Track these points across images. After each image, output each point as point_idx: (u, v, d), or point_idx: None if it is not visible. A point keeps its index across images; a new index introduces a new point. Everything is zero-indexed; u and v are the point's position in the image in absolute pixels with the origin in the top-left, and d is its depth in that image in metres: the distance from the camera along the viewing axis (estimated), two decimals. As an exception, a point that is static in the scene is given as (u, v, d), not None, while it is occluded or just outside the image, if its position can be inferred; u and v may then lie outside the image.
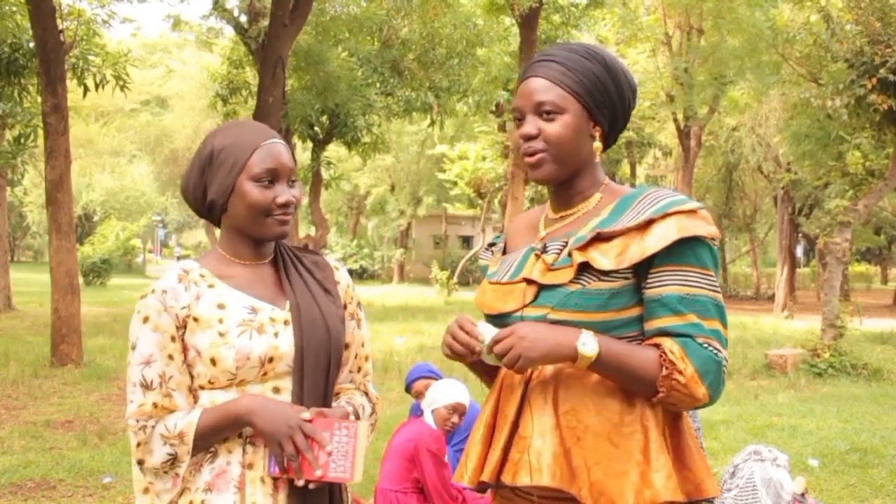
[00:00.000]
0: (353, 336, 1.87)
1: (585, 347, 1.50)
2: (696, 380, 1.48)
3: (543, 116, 1.61)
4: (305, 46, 14.31)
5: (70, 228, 9.68)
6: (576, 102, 1.61)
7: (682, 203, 1.54)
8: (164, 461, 1.65)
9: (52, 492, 4.96)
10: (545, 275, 1.60)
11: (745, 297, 30.17)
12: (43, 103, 9.61)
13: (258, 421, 1.61)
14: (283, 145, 1.74)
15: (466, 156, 28.72)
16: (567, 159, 1.63)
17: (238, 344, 1.63)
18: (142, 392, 1.66)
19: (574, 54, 1.63)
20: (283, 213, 1.71)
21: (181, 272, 1.72)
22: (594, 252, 1.56)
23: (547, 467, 1.54)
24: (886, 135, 11.57)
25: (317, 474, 1.58)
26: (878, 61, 10.32)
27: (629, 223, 1.55)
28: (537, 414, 1.59)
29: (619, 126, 1.68)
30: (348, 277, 1.90)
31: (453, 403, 3.84)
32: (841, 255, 10.65)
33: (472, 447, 1.69)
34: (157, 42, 45.40)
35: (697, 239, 1.53)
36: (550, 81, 1.61)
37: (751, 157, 24.05)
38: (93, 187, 38.34)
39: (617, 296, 1.55)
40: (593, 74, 1.61)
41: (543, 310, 1.58)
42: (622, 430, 1.53)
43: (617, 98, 1.64)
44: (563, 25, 17.32)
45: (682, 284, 1.52)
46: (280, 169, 1.70)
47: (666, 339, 1.51)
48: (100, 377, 8.99)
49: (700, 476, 1.56)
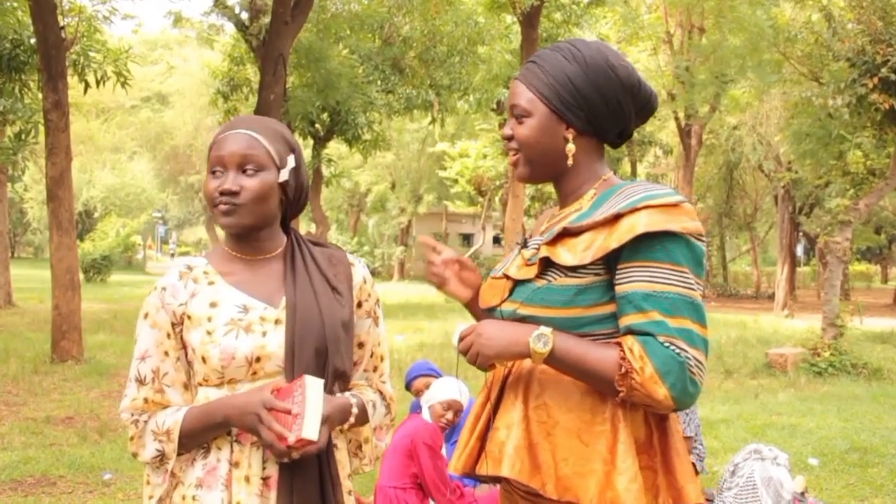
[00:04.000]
0: (369, 335, 1.83)
1: (538, 344, 1.50)
2: (656, 380, 1.43)
3: (517, 119, 1.63)
4: (306, 43, 14.31)
5: (70, 225, 9.68)
6: (542, 106, 1.60)
7: (657, 197, 1.49)
8: (154, 456, 1.67)
9: (52, 488, 4.96)
10: (520, 270, 1.61)
11: (745, 296, 30.18)
12: (44, 100, 9.60)
13: (234, 420, 1.60)
14: (243, 135, 1.66)
15: (467, 153, 28.70)
16: (537, 161, 1.63)
17: (223, 343, 1.62)
18: (135, 386, 1.69)
19: (556, 54, 1.62)
20: (223, 201, 1.64)
21: (184, 269, 1.73)
22: (560, 247, 1.55)
23: (507, 458, 1.55)
24: (887, 134, 11.57)
25: (290, 440, 1.53)
26: (879, 60, 10.32)
27: (597, 217, 1.53)
28: (507, 407, 1.61)
29: (611, 128, 1.63)
30: (367, 274, 1.84)
31: (448, 400, 3.88)
32: (841, 255, 10.65)
33: (462, 437, 1.73)
34: (158, 39, 45.43)
35: (669, 234, 1.47)
36: (524, 84, 1.63)
37: (752, 156, 24.04)
38: (93, 184, 38.32)
39: (585, 292, 1.52)
40: (565, 76, 1.58)
41: (514, 305, 1.60)
42: (593, 428, 1.51)
43: (599, 100, 1.58)
44: (565, 23, 17.30)
45: (647, 281, 1.47)
46: (226, 156, 1.64)
47: (628, 337, 1.48)
48: (100, 374, 8.99)
49: (682, 482, 1.53)
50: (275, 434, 1.54)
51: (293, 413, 1.55)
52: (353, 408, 1.71)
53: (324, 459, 1.68)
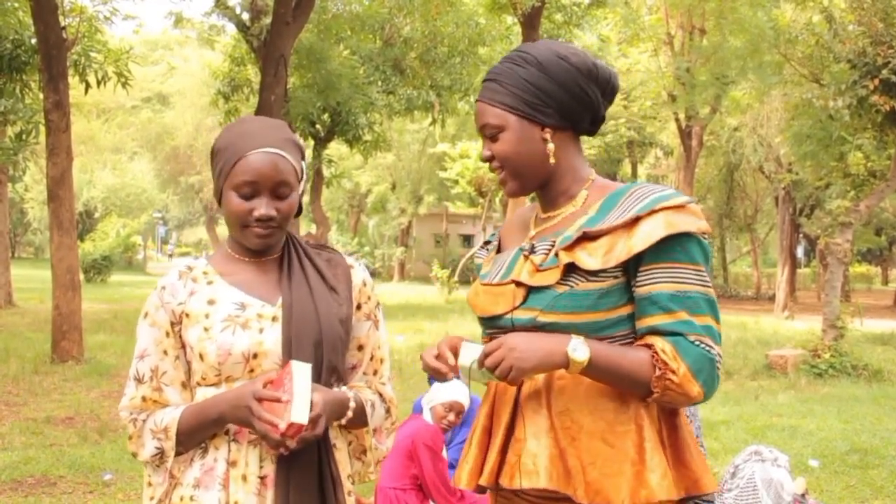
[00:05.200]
0: (369, 337, 1.82)
1: (576, 353, 1.48)
2: (690, 378, 1.47)
3: (490, 138, 1.63)
4: (307, 44, 14.33)
5: (71, 225, 9.68)
6: (511, 115, 1.59)
7: (669, 198, 1.52)
8: (153, 455, 1.67)
9: (52, 488, 4.96)
10: (533, 276, 1.58)
11: (745, 298, 30.18)
12: (45, 100, 9.61)
13: (228, 416, 1.60)
14: (273, 155, 1.64)
15: (468, 154, 28.69)
16: (523, 171, 1.63)
17: (220, 339, 1.62)
18: (134, 385, 1.70)
19: (507, 64, 1.62)
20: (260, 226, 1.65)
21: (184, 269, 1.74)
22: (581, 252, 1.54)
23: (543, 469, 1.53)
24: (888, 136, 11.57)
25: (282, 427, 1.51)
26: (880, 62, 10.32)
27: (615, 221, 1.53)
28: (531, 416, 1.58)
29: (582, 116, 1.63)
30: (366, 276, 1.84)
31: (450, 401, 3.87)
32: (842, 256, 10.65)
33: (468, 451, 1.69)
34: (159, 39, 45.42)
35: (686, 234, 1.51)
36: (486, 103, 1.62)
37: (752, 158, 24.05)
38: (94, 184, 38.34)
39: (606, 295, 1.53)
40: (522, 80, 1.59)
41: (532, 312, 1.56)
42: (616, 429, 1.52)
43: (561, 92, 1.59)
44: (566, 24, 17.30)
45: (672, 281, 1.50)
46: (261, 182, 1.63)
47: (657, 338, 1.50)
48: (100, 374, 8.99)
49: (698, 472, 1.55)
50: (267, 424, 1.53)
51: (283, 400, 1.53)
52: (350, 401, 1.70)
53: (323, 458, 1.67)
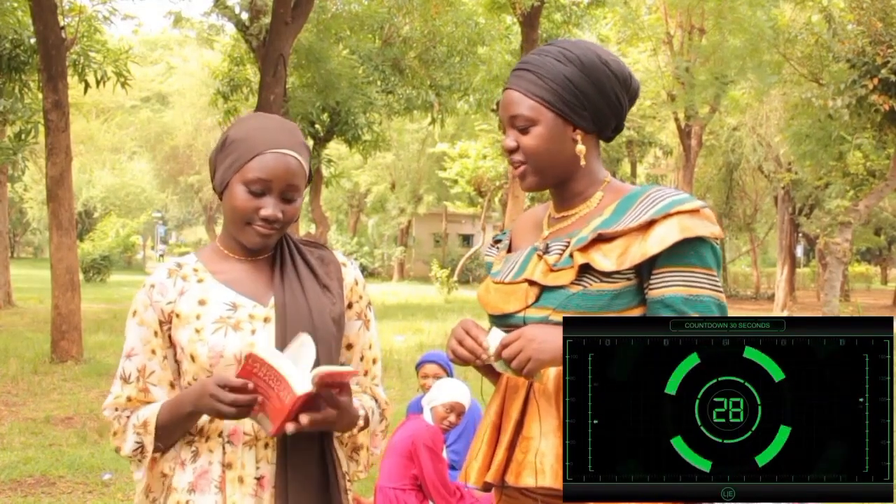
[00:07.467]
0: (358, 337, 1.79)
1: None
2: None
3: (519, 129, 1.61)
4: (307, 44, 14.32)
5: (70, 225, 9.67)
6: (547, 111, 1.59)
7: (684, 202, 1.53)
8: (134, 449, 1.66)
9: (51, 488, 4.96)
10: (547, 276, 1.59)
11: (744, 297, 30.18)
12: (44, 100, 9.60)
13: (198, 408, 1.55)
14: (291, 157, 1.63)
15: (467, 154, 28.71)
16: (548, 168, 1.63)
17: (212, 341, 1.61)
18: (120, 384, 1.70)
19: (548, 58, 1.60)
20: (264, 225, 1.63)
21: (174, 266, 1.72)
22: (595, 253, 1.55)
23: (550, 468, 1.54)
24: (887, 135, 11.58)
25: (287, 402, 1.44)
26: (879, 62, 10.34)
27: (630, 223, 1.54)
28: (543, 415, 1.58)
29: (610, 123, 1.65)
30: (358, 275, 1.81)
31: (451, 402, 3.85)
32: (841, 256, 10.66)
33: (477, 448, 1.69)
34: (158, 39, 45.43)
35: (700, 239, 1.52)
36: (521, 93, 1.60)
37: (751, 157, 24.07)
38: (93, 184, 38.31)
39: (619, 297, 1.54)
40: (565, 78, 1.58)
41: (545, 311, 1.57)
42: None
43: (599, 97, 1.60)
44: (565, 24, 17.30)
45: (685, 285, 1.51)
46: (273, 181, 1.62)
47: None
48: (100, 374, 8.99)
49: None
50: (230, 407, 1.48)
51: (250, 388, 1.47)
52: (359, 420, 1.67)
53: (321, 457, 1.66)
